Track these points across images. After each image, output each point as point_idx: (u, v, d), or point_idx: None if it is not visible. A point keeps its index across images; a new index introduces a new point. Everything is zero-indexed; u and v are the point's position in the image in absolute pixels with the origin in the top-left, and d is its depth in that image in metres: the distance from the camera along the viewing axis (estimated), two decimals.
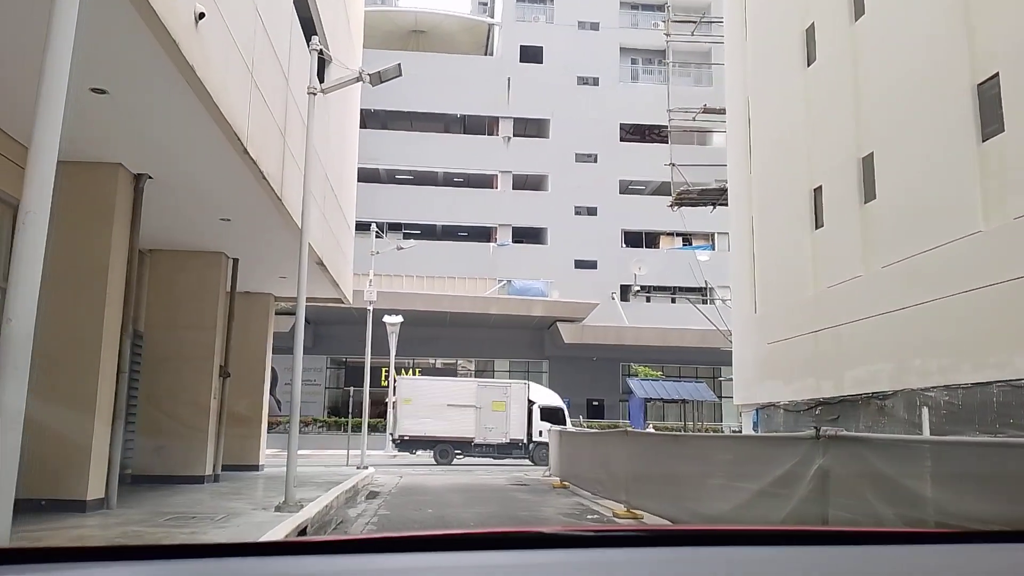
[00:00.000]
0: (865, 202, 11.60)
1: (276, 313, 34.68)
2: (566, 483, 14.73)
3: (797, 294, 13.52)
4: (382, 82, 10.30)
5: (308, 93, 9.38)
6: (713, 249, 40.99)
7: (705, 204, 19.66)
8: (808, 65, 13.47)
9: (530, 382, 27.18)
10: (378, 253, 21.14)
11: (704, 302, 41.43)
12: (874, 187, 11.39)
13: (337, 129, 14.58)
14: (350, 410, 21.45)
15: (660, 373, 32.61)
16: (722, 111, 20.39)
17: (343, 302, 16.47)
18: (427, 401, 24.92)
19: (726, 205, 18.16)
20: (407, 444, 25.23)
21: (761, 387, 14.56)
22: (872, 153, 11.48)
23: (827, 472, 4.97)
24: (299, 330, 10.05)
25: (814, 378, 12.50)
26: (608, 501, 10.96)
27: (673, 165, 19.20)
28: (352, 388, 40.43)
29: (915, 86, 10.80)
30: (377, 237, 41.14)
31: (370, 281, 19.88)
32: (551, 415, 22.40)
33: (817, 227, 13.07)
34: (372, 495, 13.60)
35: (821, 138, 12.96)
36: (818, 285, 12.80)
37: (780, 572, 1.35)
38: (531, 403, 22.00)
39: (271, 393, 37.97)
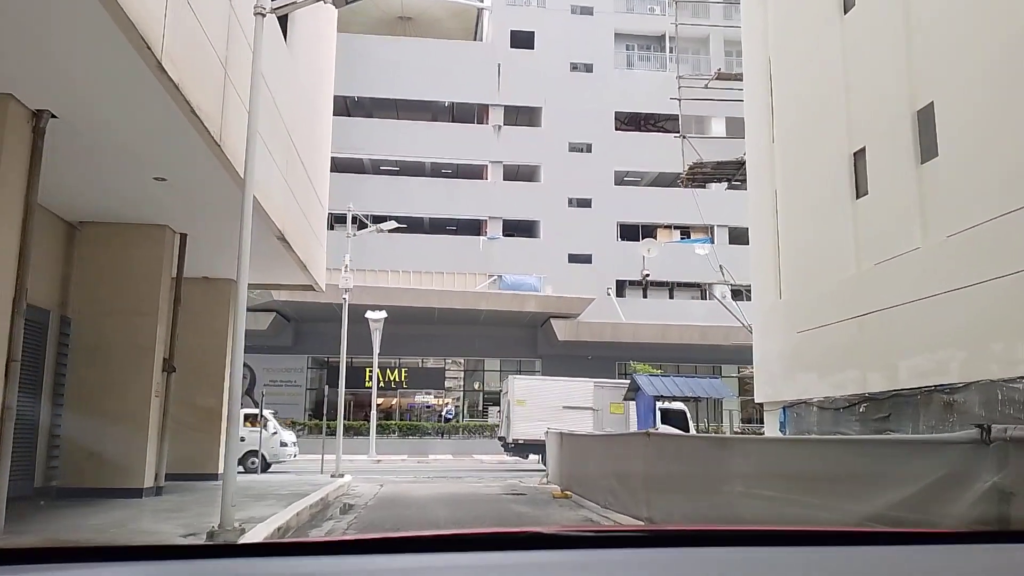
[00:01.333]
0: (922, 162, 9.90)
1: (251, 309, 32.84)
2: (568, 492, 12.95)
3: (834, 274, 11.77)
4: (347, 4, 8.46)
5: (255, 14, 7.56)
6: (712, 243, 39.26)
7: (720, 180, 17.90)
8: (845, 11, 11.76)
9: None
10: (355, 235, 19.06)
11: (703, 297, 39.86)
12: (935, 143, 9.68)
13: (306, 91, 12.74)
14: (324, 412, 19.50)
15: (659, 371, 30.84)
16: (738, 77, 18.67)
17: (315, 290, 14.59)
18: (542, 402, 22.72)
19: (743, 182, 16.41)
20: (520, 448, 23.17)
21: (790, 382, 12.81)
22: (931, 103, 9.77)
23: (1007, 494, 3.22)
24: (241, 305, 8.19)
25: (858, 369, 10.77)
26: (622, 516, 9.20)
27: (684, 137, 17.42)
28: (333, 389, 38.68)
29: (983, 16, 9.12)
30: (358, 225, 39.38)
31: (346, 266, 17.95)
32: (675, 418, 19.93)
33: (859, 196, 11.34)
34: (346, 509, 11.77)
35: (862, 93, 11.25)
36: (862, 262, 11.06)
37: (779, 572, 1.35)
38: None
39: (248, 394, 36.21)
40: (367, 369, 32.18)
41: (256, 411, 24.17)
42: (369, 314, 27.75)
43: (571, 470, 12.88)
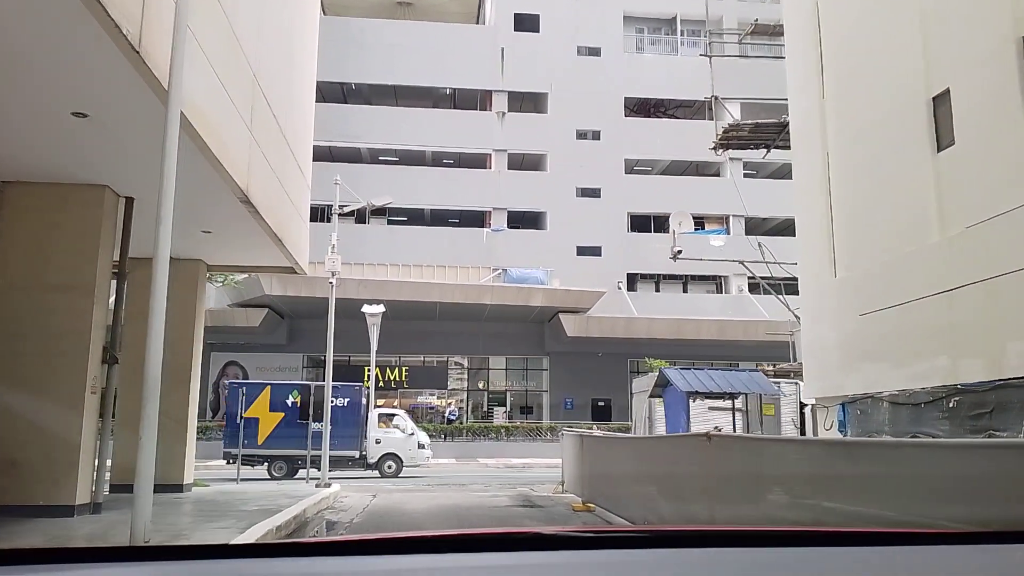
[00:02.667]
0: None
1: (243, 305, 31.00)
2: (591, 504, 11.04)
3: (909, 243, 9.86)
4: None
5: None
6: (728, 233, 37.36)
7: (758, 146, 15.91)
8: None
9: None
10: (344, 212, 17.15)
11: (719, 291, 37.93)
12: None
13: (280, 32, 10.85)
14: (311, 414, 17.56)
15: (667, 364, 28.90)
16: (777, 30, 16.77)
17: (297, 273, 12.69)
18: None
19: (784, 147, 14.52)
20: None
21: (851, 374, 10.89)
22: None
23: None
24: (160, 265, 6.32)
25: (948, 356, 8.87)
26: None
27: (716, 99, 15.50)
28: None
29: None
30: (358, 222, 37.51)
31: (332, 246, 16.05)
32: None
33: (941, 147, 9.43)
34: (329, 526, 9.88)
35: (946, 26, 9.36)
36: (948, 226, 9.15)
37: (779, 573, 1.36)
38: (803, 405, 17.88)
39: None
40: (365, 368, 30.29)
41: (392, 410, 22.42)
42: (366, 308, 25.87)
43: (594, 478, 10.99)
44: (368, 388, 29.44)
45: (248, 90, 8.75)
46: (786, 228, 40.26)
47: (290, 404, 19.70)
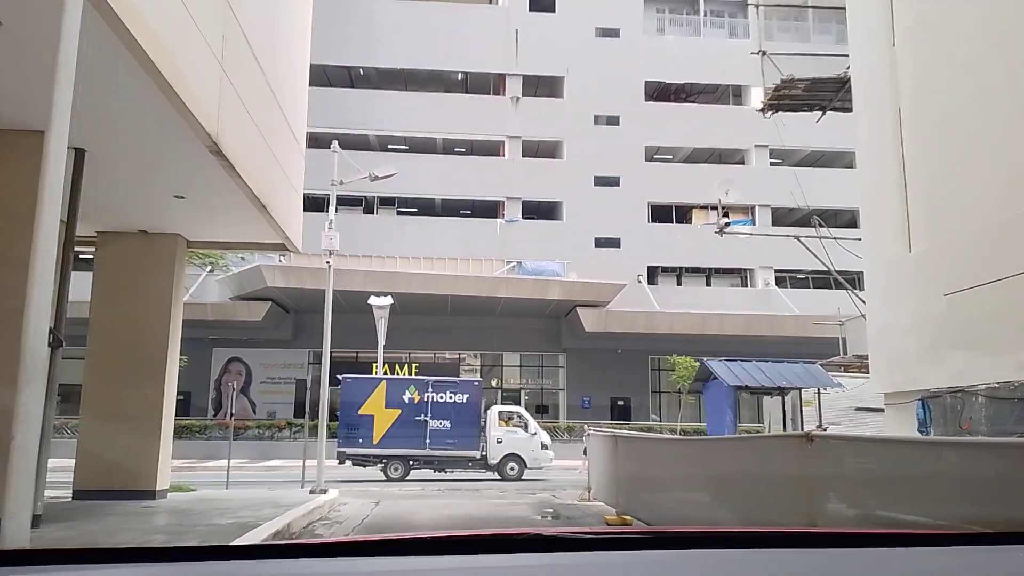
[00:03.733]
0: None
1: (244, 298, 29.51)
2: (627, 517, 9.44)
3: (1010, 205, 8.19)
4: None
5: None
6: (754, 224, 35.66)
7: (812, 106, 14.23)
8: None
9: None
10: (341, 183, 15.63)
11: (744, 284, 36.18)
12: None
13: None
14: (307, 410, 16.04)
15: (694, 362, 27.21)
16: None
17: (289, 250, 11.13)
18: (831, 402, 18.92)
19: (844, 109, 12.85)
20: None
21: (934, 364, 9.23)
22: None
23: None
24: (52, 156, 4.77)
25: None
26: None
27: (764, 54, 13.82)
28: (334, 387, 35.22)
29: None
30: (366, 213, 36.04)
31: (330, 222, 14.53)
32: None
33: None
34: None
35: None
36: None
37: (779, 574, 1.36)
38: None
39: (243, 392, 32.97)
40: (373, 365, 28.70)
41: (512, 408, 21.06)
42: (373, 300, 24.35)
43: (633, 486, 9.38)
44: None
45: (218, 12, 7.20)
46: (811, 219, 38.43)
47: (406, 400, 18.69)
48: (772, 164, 36.65)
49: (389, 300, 24.42)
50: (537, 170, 35.02)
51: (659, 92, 37.27)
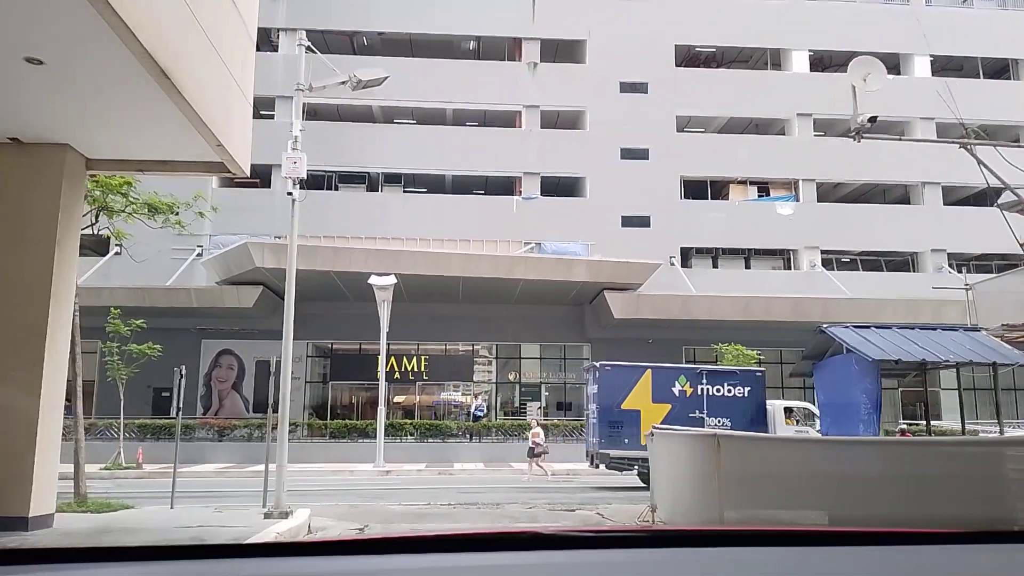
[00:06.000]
0: None
1: (233, 282, 26.34)
2: None
3: None
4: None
5: None
6: (797, 200, 32.29)
7: None
8: None
9: None
10: (311, 89, 12.42)
11: (786, 266, 32.78)
12: None
13: None
14: (270, 405, 12.68)
15: (756, 354, 23.91)
16: None
17: (231, 173, 7.91)
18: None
19: None
20: None
21: None
22: None
23: None
24: None
25: None
26: None
27: None
28: (338, 383, 32.16)
29: None
30: (370, 190, 32.90)
31: (295, 139, 11.28)
32: None
33: None
34: None
35: None
36: None
37: (779, 572, 1.37)
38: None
39: (234, 388, 29.88)
40: (379, 357, 25.60)
41: (797, 403, 17.93)
42: (374, 279, 21.24)
43: (749, 503, 6.25)
44: (391, 379, 24.90)
45: None
46: (863, 195, 35.05)
47: (676, 393, 16.02)
48: (816, 135, 33.24)
49: (392, 279, 21.29)
50: (557, 142, 31.79)
51: (687, 60, 33.93)
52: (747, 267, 32.13)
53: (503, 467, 23.00)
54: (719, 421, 15.27)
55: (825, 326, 10.08)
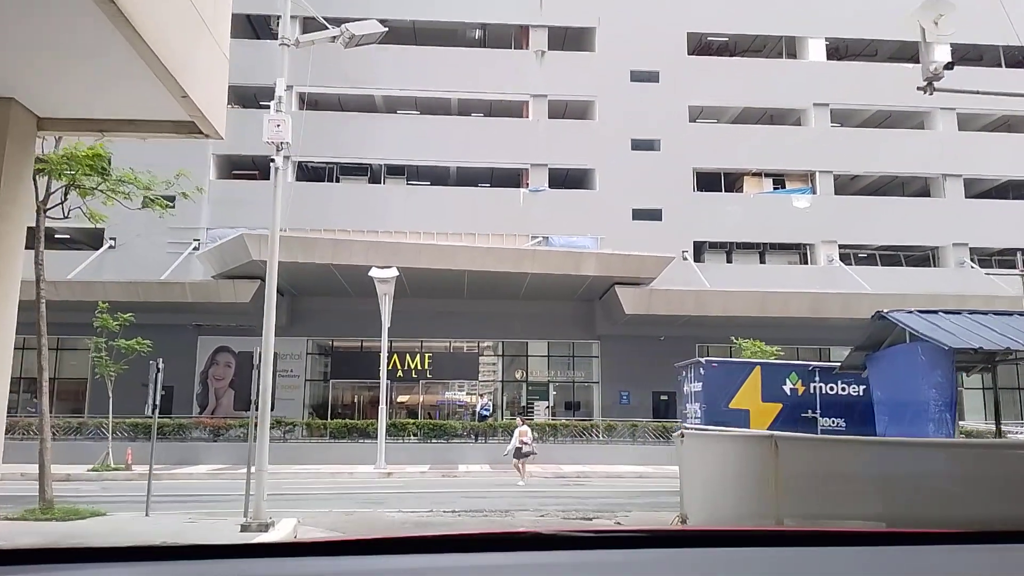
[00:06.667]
0: None
1: (228, 276, 25.32)
2: None
3: None
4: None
5: None
6: (814, 192, 31.19)
7: None
8: None
9: None
10: (305, 43, 11.41)
11: (803, 260, 31.68)
12: None
13: None
14: (253, 402, 11.62)
15: (777, 350, 22.81)
16: None
17: (203, 133, 6.88)
18: None
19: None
20: None
21: None
22: None
23: None
24: None
25: None
26: None
27: None
28: (340, 380, 31.14)
29: None
30: (372, 182, 31.88)
31: (278, 99, 10.29)
32: None
33: None
34: None
35: None
36: None
37: (779, 572, 1.37)
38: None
39: (231, 386, 28.88)
40: (379, 353, 24.56)
41: None
42: (375, 271, 20.24)
43: (785, 508, 5.21)
44: (393, 377, 23.83)
45: None
46: (882, 188, 33.93)
47: (788, 392, 14.95)
48: (834, 125, 32.15)
49: (394, 272, 20.29)
50: (565, 133, 30.75)
51: (702, 47, 32.85)
52: (762, 262, 31.04)
53: (510, 469, 21.93)
54: (832, 422, 14.34)
55: (885, 311, 8.98)
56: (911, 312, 8.96)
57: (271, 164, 9.78)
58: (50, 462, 9.51)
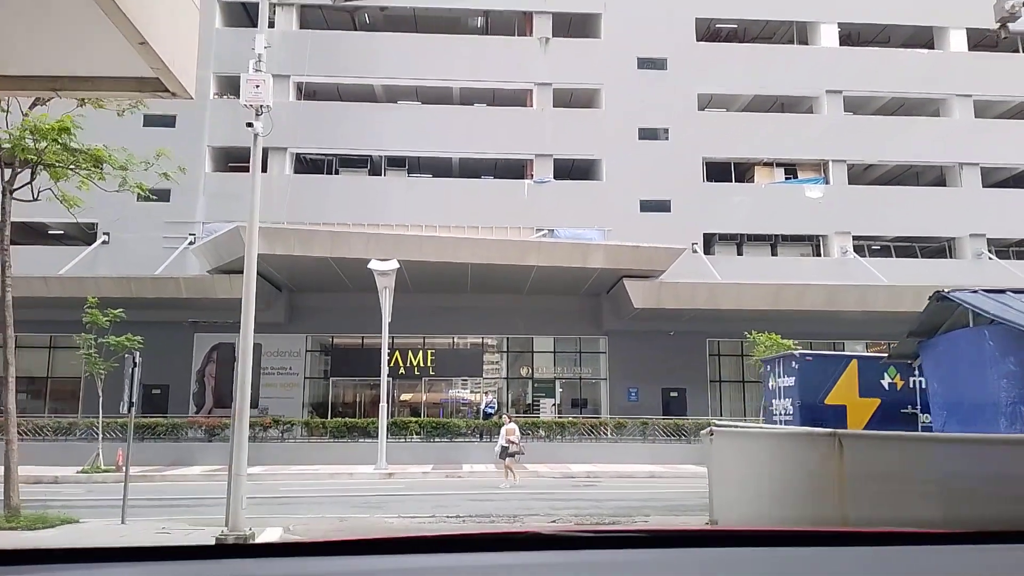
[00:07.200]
0: None
1: (224, 271, 24.45)
2: None
3: None
4: None
5: None
6: (827, 183, 30.29)
7: None
8: None
9: None
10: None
11: (816, 252, 30.77)
12: None
13: None
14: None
15: (794, 343, 21.94)
16: None
17: (169, 92, 6.05)
18: None
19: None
20: None
21: None
22: None
23: None
24: None
25: None
26: None
27: None
28: (341, 379, 30.33)
29: None
30: (372, 174, 31.05)
31: (259, 57, 9.46)
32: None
33: None
34: None
35: None
36: None
37: (779, 572, 1.36)
38: None
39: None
40: (380, 350, 23.70)
41: None
42: (374, 264, 19.40)
43: (852, 509, 4.39)
44: (394, 374, 23.01)
45: None
46: (896, 177, 32.99)
47: (886, 387, 14.16)
48: (847, 112, 31.23)
49: (394, 264, 19.46)
50: (571, 122, 29.86)
51: (711, 33, 31.93)
52: (774, 254, 30.13)
53: (515, 467, 21.09)
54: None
55: (947, 290, 8.17)
56: (976, 291, 8.08)
57: (249, 128, 8.89)
58: (17, 464, 8.70)
